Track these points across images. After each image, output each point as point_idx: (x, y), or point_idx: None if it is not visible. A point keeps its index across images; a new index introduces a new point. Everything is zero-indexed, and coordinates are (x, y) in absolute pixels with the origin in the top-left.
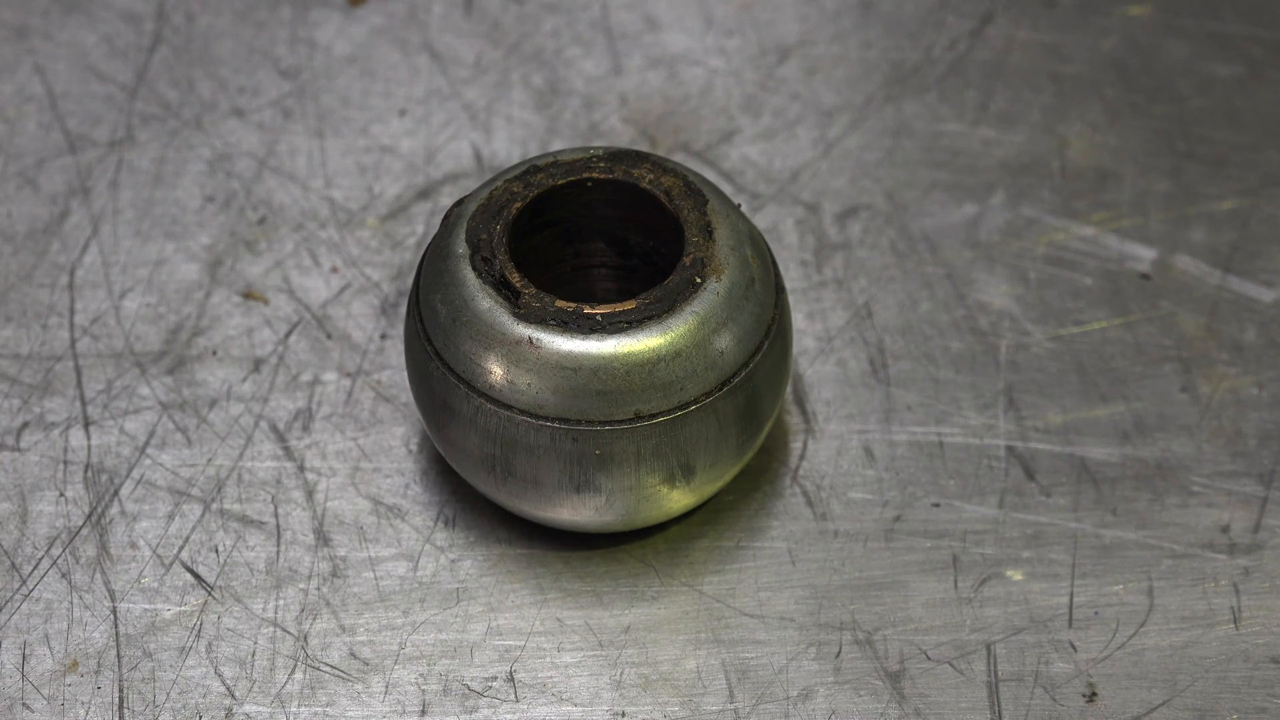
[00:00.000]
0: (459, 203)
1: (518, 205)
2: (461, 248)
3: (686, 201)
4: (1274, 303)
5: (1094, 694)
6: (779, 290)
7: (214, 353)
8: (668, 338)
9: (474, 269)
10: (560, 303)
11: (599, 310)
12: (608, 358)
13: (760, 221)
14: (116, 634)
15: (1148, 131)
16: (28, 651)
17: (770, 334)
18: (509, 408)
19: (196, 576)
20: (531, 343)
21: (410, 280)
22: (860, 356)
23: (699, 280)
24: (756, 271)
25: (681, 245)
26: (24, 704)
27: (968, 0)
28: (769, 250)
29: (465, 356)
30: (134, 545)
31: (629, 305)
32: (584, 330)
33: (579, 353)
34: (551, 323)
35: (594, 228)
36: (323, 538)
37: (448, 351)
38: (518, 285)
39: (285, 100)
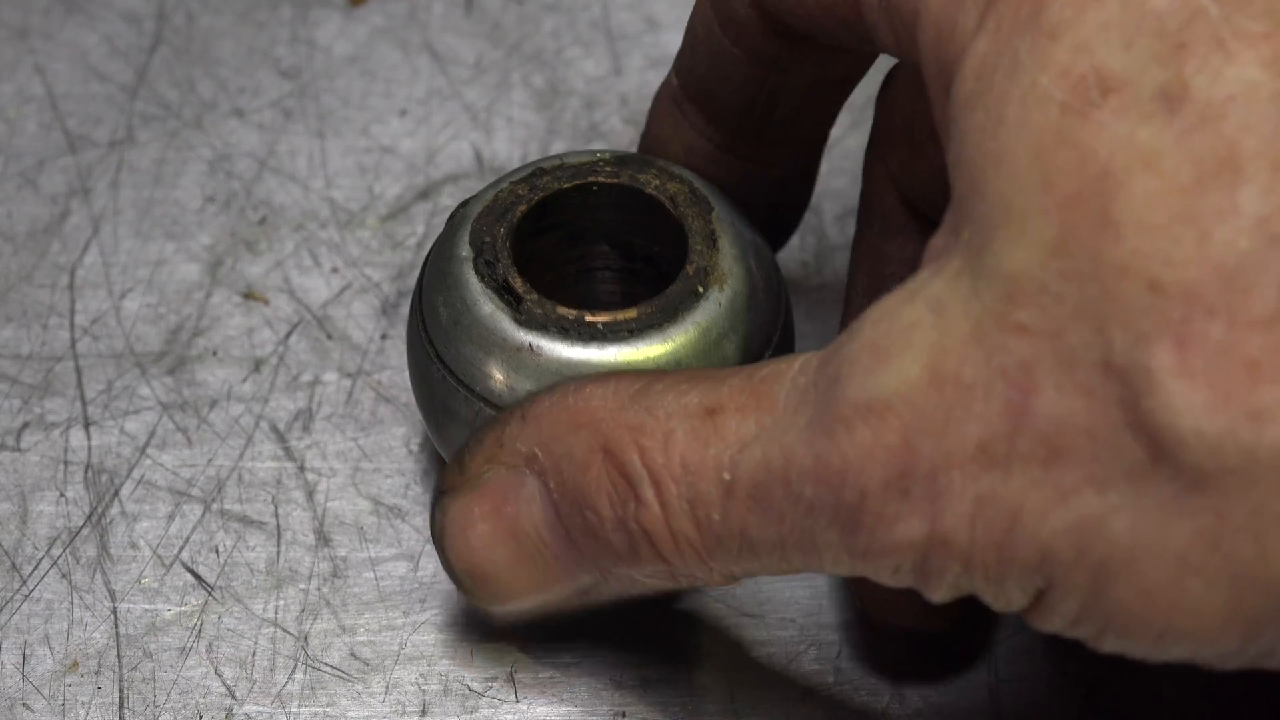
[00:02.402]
0: (464, 204)
1: (522, 208)
2: (465, 250)
3: (691, 209)
4: None
5: (1094, 694)
6: (783, 301)
7: (214, 353)
8: (669, 347)
9: (477, 273)
10: (561, 310)
11: (600, 318)
12: (609, 366)
13: None
14: (117, 634)
15: None
16: (28, 652)
17: (773, 345)
18: None
19: (197, 577)
20: (532, 349)
21: (411, 280)
22: None
23: (701, 290)
24: (760, 282)
25: (685, 251)
26: (24, 704)
27: None
28: (774, 260)
29: (466, 360)
30: (134, 545)
31: (630, 314)
32: (585, 338)
33: (579, 360)
34: (552, 330)
35: (599, 231)
36: (323, 538)
37: (449, 354)
38: (520, 291)
39: (285, 100)
